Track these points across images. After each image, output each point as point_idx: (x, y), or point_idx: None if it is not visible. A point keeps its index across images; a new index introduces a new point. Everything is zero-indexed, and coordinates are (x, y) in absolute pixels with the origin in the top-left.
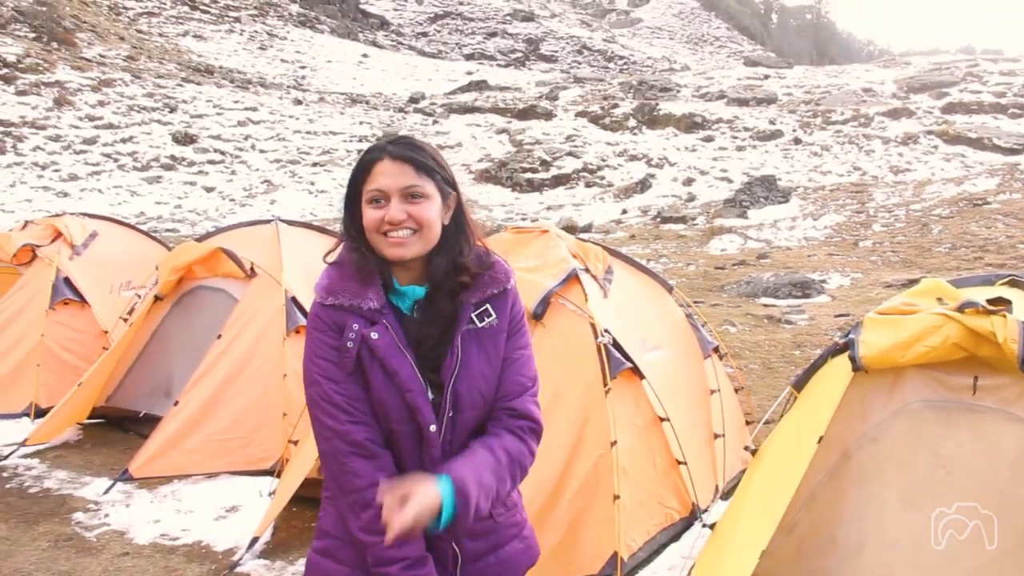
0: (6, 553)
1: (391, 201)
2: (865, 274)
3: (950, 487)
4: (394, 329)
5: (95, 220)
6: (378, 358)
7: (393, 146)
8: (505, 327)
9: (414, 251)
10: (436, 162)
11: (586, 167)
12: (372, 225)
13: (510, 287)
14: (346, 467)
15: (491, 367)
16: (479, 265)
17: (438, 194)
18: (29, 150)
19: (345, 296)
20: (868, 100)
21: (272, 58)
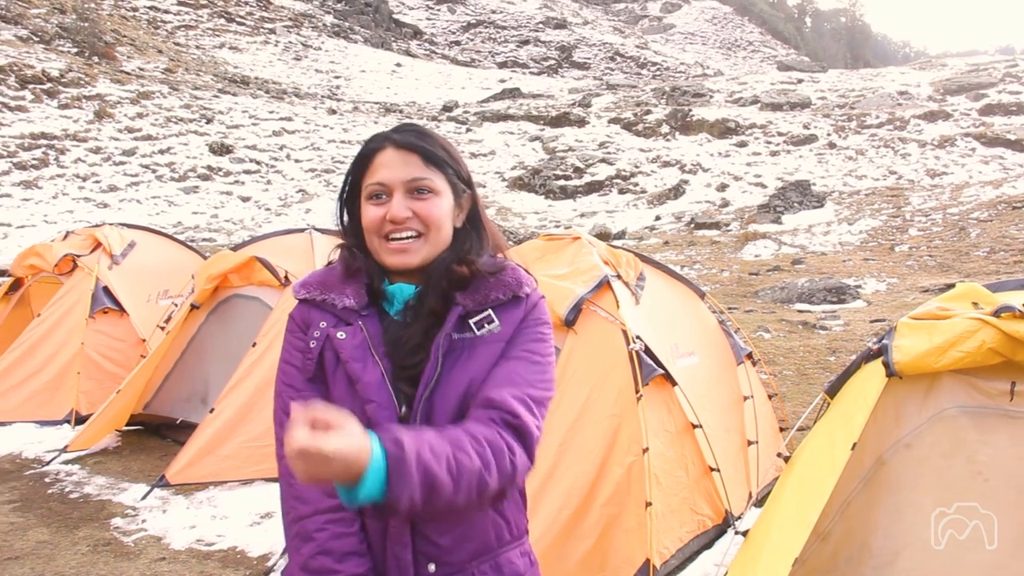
0: (48, 557)
1: (393, 196)
2: (901, 279)
3: (987, 494)
4: (370, 331)
5: (133, 230)
6: (342, 361)
7: (398, 134)
8: (509, 334)
9: (419, 258)
10: (448, 153)
11: (619, 174)
12: (372, 225)
13: (524, 295)
14: (293, 490)
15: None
16: (488, 267)
17: (449, 190)
18: (71, 162)
19: (318, 290)
20: (903, 103)
21: (307, 68)
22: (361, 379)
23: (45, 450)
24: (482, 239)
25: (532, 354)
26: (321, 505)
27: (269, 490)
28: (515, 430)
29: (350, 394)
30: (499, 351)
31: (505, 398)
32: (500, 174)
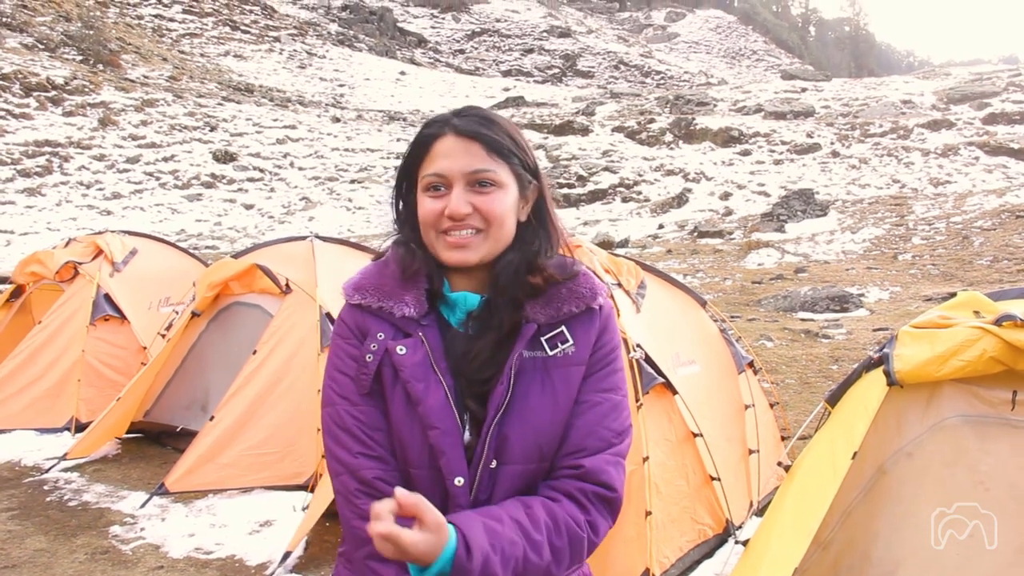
0: (45, 565)
1: (453, 189)
2: (904, 288)
3: (989, 503)
4: (432, 345)
5: (135, 237)
6: (401, 380)
7: (459, 119)
8: (585, 358)
9: (479, 255)
10: (514, 141)
11: (623, 182)
12: (429, 219)
13: (597, 306)
14: (357, 510)
15: (557, 409)
16: (559, 271)
17: (514, 182)
18: (75, 169)
19: (375, 296)
20: (907, 112)
21: (311, 76)
22: (424, 401)
23: (44, 458)
24: (550, 236)
25: (614, 391)
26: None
27: (268, 499)
28: (607, 503)
29: (409, 415)
30: (578, 378)
31: (604, 471)
32: None
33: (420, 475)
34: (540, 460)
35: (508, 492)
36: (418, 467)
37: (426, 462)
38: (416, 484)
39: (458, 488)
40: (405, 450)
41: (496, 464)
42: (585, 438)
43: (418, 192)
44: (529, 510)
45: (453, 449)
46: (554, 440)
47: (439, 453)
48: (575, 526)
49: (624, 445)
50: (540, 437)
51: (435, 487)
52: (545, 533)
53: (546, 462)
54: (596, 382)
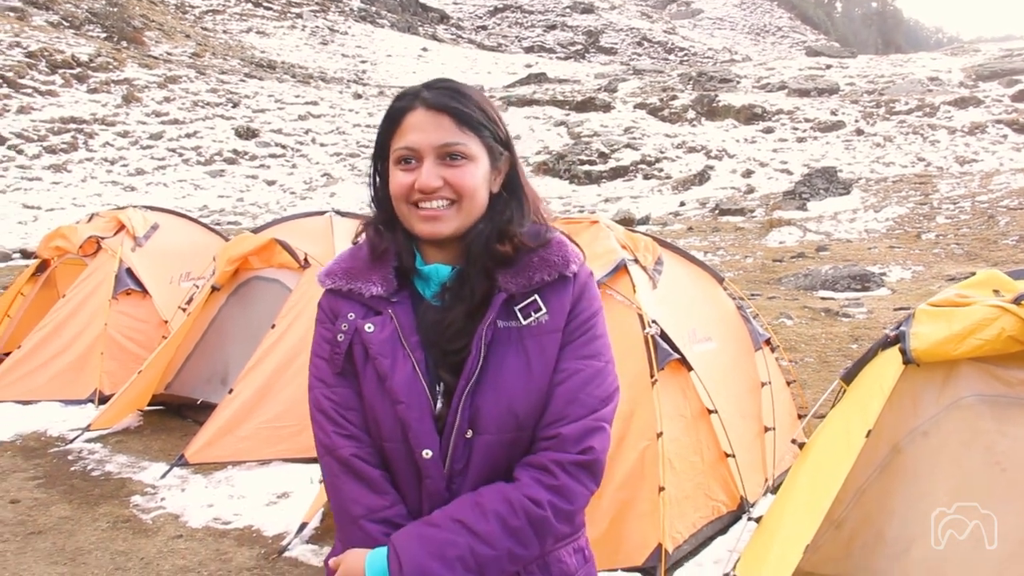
0: (69, 532)
1: (424, 163)
2: (927, 267)
3: (1005, 484)
4: (401, 321)
5: (156, 212)
6: (371, 356)
7: (430, 92)
8: (560, 325)
9: (452, 227)
10: (484, 113)
11: (644, 159)
12: (400, 192)
13: (571, 274)
14: (340, 491)
15: (532, 378)
16: (532, 239)
17: (485, 155)
18: (99, 146)
19: (344, 279)
20: (934, 89)
21: (333, 53)
22: (391, 376)
23: (69, 428)
24: (523, 206)
25: (596, 358)
26: (373, 504)
27: (286, 471)
28: (586, 468)
29: (380, 391)
30: (553, 346)
31: (576, 434)
32: (525, 159)
33: (393, 448)
34: (517, 429)
35: (485, 462)
36: (391, 441)
37: (399, 436)
38: (390, 457)
39: (427, 460)
40: (378, 425)
41: (472, 434)
42: (566, 406)
43: (390, 165)
44: (478, 501)
45: (420, 423)
46: (531, 409)
47: (406, 427)
48: (533, 505)
49: (608, 410)
50: (515, 406)
51: (408, 460)
52: (494, 521)
53: (525, 431)
54: (576, 349)
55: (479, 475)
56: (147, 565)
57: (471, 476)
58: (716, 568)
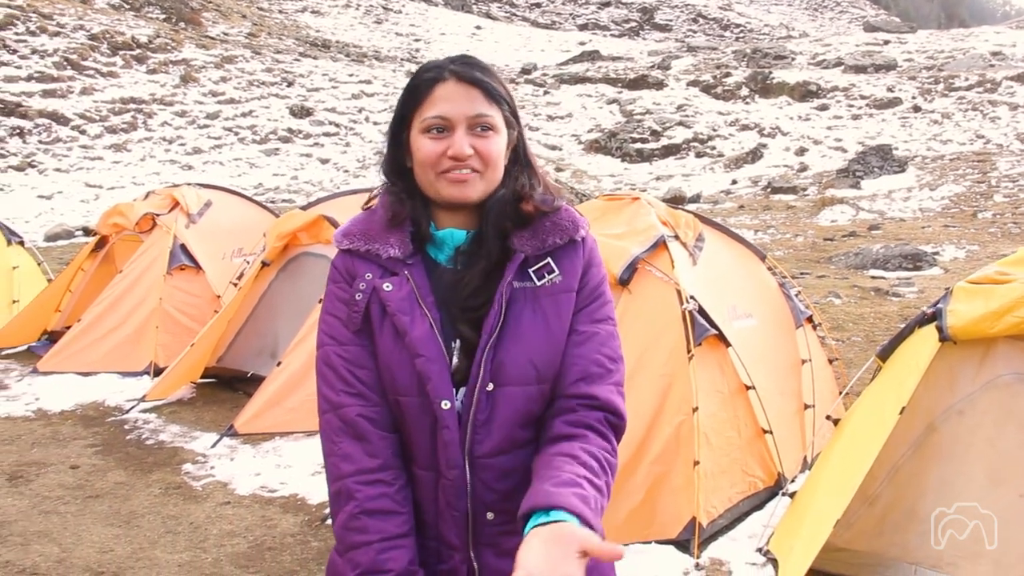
0: (124, 497)
1: (455, 132)
2: (982, 246)
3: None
4: (417, 282)
5: (209, 190)
6: (389, 314)
7: (457, 65)
8: (574, 285)
9: (477, 193)
10: (505, 89)
11: (696, 137)
12: (429, 159)
13: (579, 238)
14: (334, 448)
15: (550, 334)
16: (544, 204)
17: (504, 127)
18: (158, 125)
19: (362, 240)
20: (996, 64)
21: (387, 32)
22: (409, 332)
23: (126, 399)
24: (533, 175)
25: (605, 323)
26: (364, 465)
27: None
28: (617, 430)
29: (397, 347)
30: (567, 304)
31: (609, 397)
32: (576, 137)
33: (409, 403)
34: (538, 382)
35: (508, 414)
36: (407, 395)
37: (415, 390)
38: (407, 413)
39: (445, 411)
40: (394, 380)
41: (493, 387)
42: (588, 365)
43: (413, 134)
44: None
45: (439, 375)
46: (550, 363)
47: (426, 379)
48: (610, 457)
49: (620, 374)
50: (534, 360)
51: (424, 413)
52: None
53: (545, 384)
54: (590, 314)
55: (501, 426)
56: (196, 529)
57: (495, 427)
58: (750, 543)
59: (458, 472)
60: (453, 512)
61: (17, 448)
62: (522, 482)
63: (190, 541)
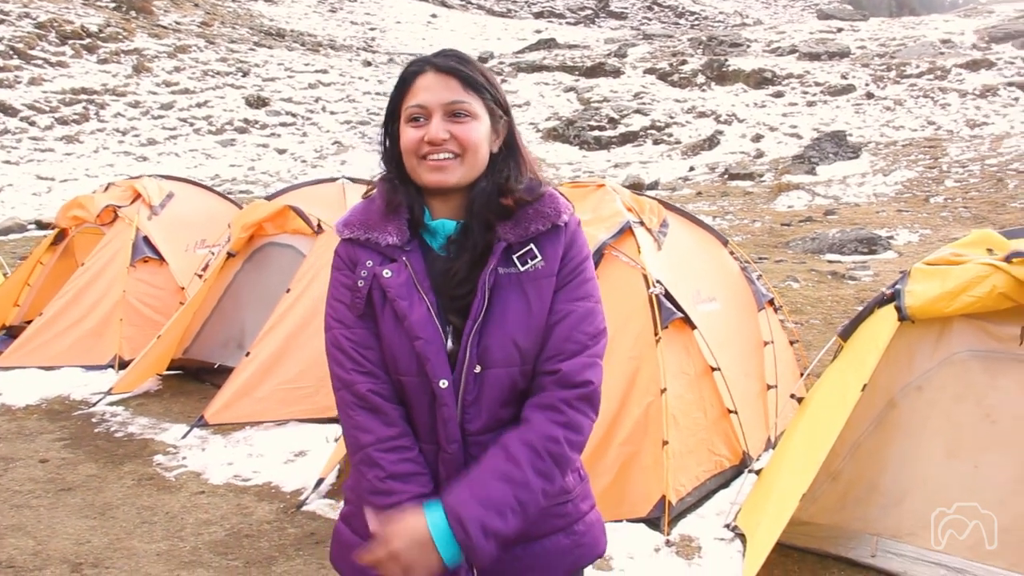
0: (97, 489)
1: (432, 119)
2: (935, 230)
3: (995, 437)
4: (414, 268)
5: (171, 181)
6: (389, 299)
7: (438, 58)
8: (554, 270)
9: (455, 177)
10: (486, 79)
11: (654, 124)
12: (410, 146)
13: (563, 223)
14: (352, 421)
15: (531, 317)
16: (527, 194)
17: (486, 115)
18: (111, 116)
19: (362, 229)
20: (946, 52)
21: (342, 20)
22: (409, 316)
23: (91, 392)
24: (520, 165)
25: (586, 299)
26: (382, 434)
27: (302, 430)
28: (587, 400)
29: (397, 330)
30: (548, 289)
31: (581, 374)
32: (534, 125)
33: (410, 382)
34: (522, 363)
35: (493, 393)
36: (408, 375)
37: (414, 370)
38: (407, 390)
39: (443, 390)
40: (396, 361)
41: (480, 369)
42: (563, 343)
43: (401, 124)
44: (508, 453)
45: (437, 356)
46: (532, 345)
47: (424, 360)
48: (551, 443)
49: (599, 346)
50: (518, 342)
51: (423, 392)
52: (527, 467)
53: (528, 365)
54: (569, 292)
55: (489, 405)
56: (172, 518)
57: (483, 407)
58: (718, 519)
59: (456, 446)
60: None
61: None
62: None
63: (167, 531)
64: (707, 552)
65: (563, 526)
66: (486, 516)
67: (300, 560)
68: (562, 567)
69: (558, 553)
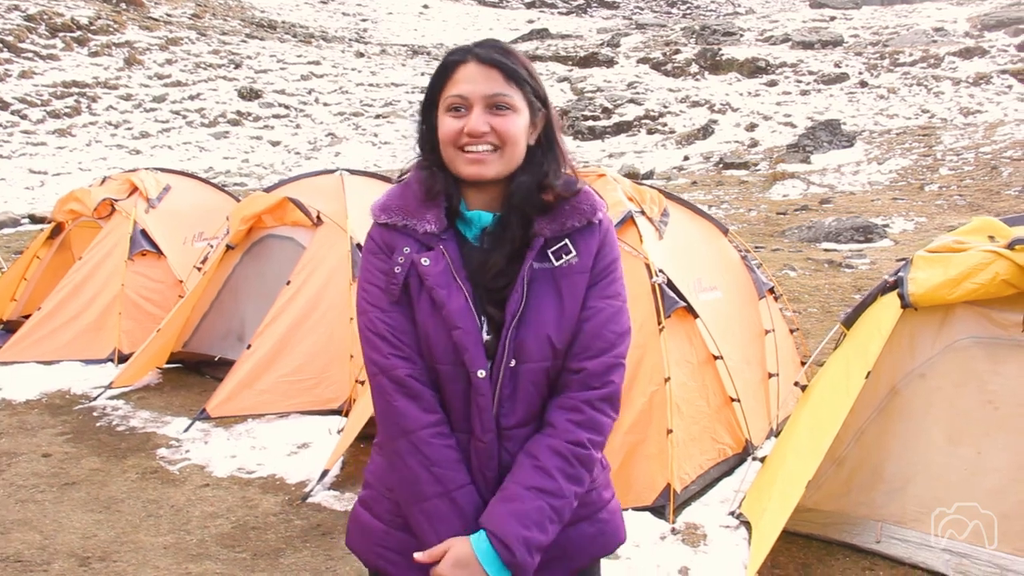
0: (101, 483)
1: (473, 110)
2: (930, 218)
3: (997, 423)
4: (451, 257)
5: (168, 174)
6: (426, 287)
7: (480, 48)
8: (588, 266)
9: (494, 171)
10: (528, 71)
11: (648, 114)
12: (449, 137)
13: (597, 221)
14: (393, 407)
15: (565, 313)
16: (565, 189)
17: (526, 108)
18: (103, 109)
19: (400, 215)
20: (939, 40)
21: (334, 11)
22: (447, 305)
23: (92, 387)
24: (558, 159)
25: (616, 298)
26: (424, 420)
27: (304, 422)
28: (609, 400)
29: (434, 318)
30: (581, 284)
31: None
32: None
33: (446, 370)
34: (554, 358)
35: (529, 387)
36: (444, 363)
37: (451, 359)
38: (443, 379)
39: (480, 380)
40: (431, 349)
41: (515, 363)
42: (591, 340)
43: (439, 113)
44: (537, 464)
45: (475, 346)
46: (565, 340)
47: (463, 350)
48: (577, 447)
49: (624, 347)
50: (552, 338)
51: (459, 381)
52: (559, 476)
53: (560, 359)
54: (600, 290)
55: (525, 399)
56: (178, 511)
57: (519, 401)
58: (722, 507)
59: (492, 436)
60: (485, 472)
61: None
62: None
63: (173, 524)
64: (712, 539)
65: (587, 515)
66: (528, 533)
67: (307, 552)
68: (587, 555)
69: (583, 541)
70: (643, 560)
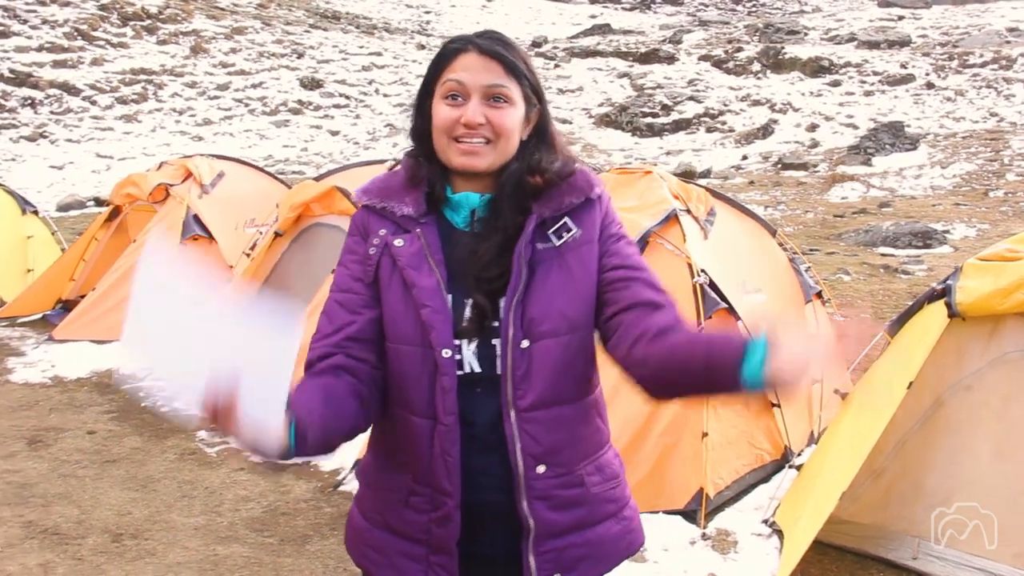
0: (140, 462)
1: (470, 100)
2: (993, 225)
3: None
4: (427, 239)
5: (221, 161)
6: (398, 267)
7: (481, 39)
8: (594, 237)
9: (485, 163)
10: (526, 65)
11: (707, 112)
12: (443, 125)
13: (595, 196)
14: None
15: (577, 284)
16: (558, 173)
17: (523, 102)
18: (168, 96)
19: (379, 197)
20: (1012, 40)
21: (397, 3)
22: (416, 284)
23: (139, 367)
24: (551, 150)
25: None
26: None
27: None
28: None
29: (404, 299)
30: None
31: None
32: (587, 111)
33: (410, 351)
34: (572, 330)
35: (548, 365)
36: (409, 343)
37: (417, 339)
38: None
39: (445, 359)
40: (397, 329)
41: (528, 343)
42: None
43: (435, 100)
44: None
45: (442, 325)
46: (581, 312)
47: (429, 328)
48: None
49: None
50: (564, 310)
51: (424, 362)
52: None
53: (579, 331)
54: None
55: (542, 379)
56: (211, 494)
57: (534, 380)
58: (756, 514)
59: (453, 419)
60: (447, 458)
61: (36, 414)
62: (569, 435)
63: (205, 505)
64: (743, 547)
65: (614, 511)
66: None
67: (334, 539)
68: (615, 555)
69: (611, 540)
70: (671, 565)
